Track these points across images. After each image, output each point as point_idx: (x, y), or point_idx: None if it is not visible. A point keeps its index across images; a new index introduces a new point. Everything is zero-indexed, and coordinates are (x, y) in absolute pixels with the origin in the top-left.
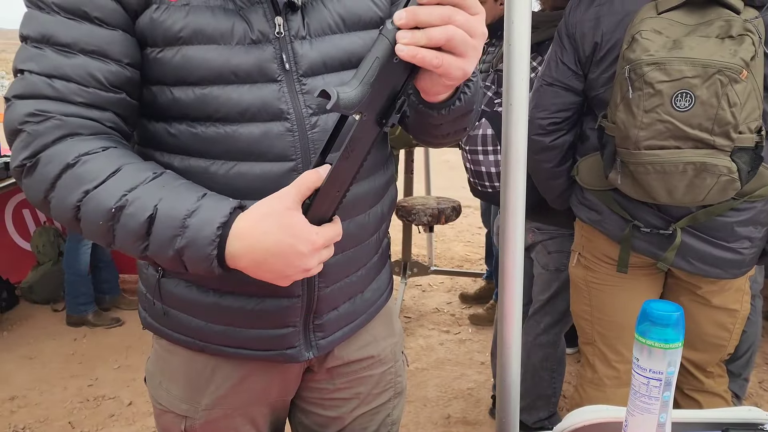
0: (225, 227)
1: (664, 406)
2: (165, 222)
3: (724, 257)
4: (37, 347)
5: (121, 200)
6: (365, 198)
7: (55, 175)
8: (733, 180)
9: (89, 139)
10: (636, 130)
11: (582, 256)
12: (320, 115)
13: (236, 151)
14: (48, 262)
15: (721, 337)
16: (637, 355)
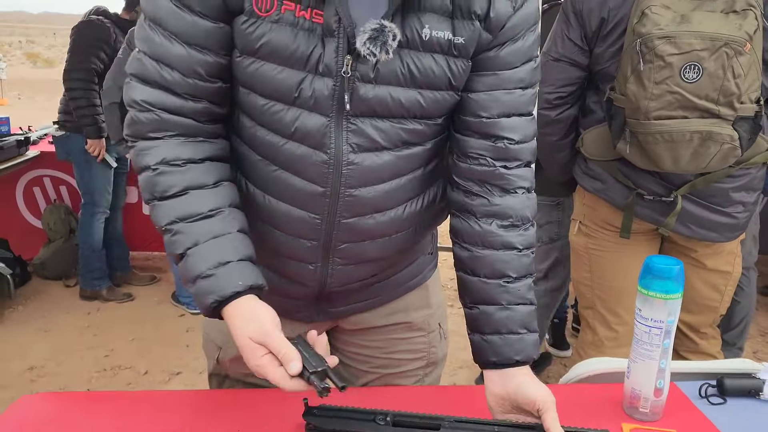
0: (220, 304)
1: (664, 353)
2: (186, 268)
3: (719, 221)
4: (52, 320)
5: (170, 225)
6: (393, 196)
7: (140, 168)
8: (734, 147)
9: (177, 144)
10: (646, 101)
11: (583, 224)
12: (359, 154)
13: (278, 160)
14: (59, 239)
15: (714, 299)
16: (639, 306)
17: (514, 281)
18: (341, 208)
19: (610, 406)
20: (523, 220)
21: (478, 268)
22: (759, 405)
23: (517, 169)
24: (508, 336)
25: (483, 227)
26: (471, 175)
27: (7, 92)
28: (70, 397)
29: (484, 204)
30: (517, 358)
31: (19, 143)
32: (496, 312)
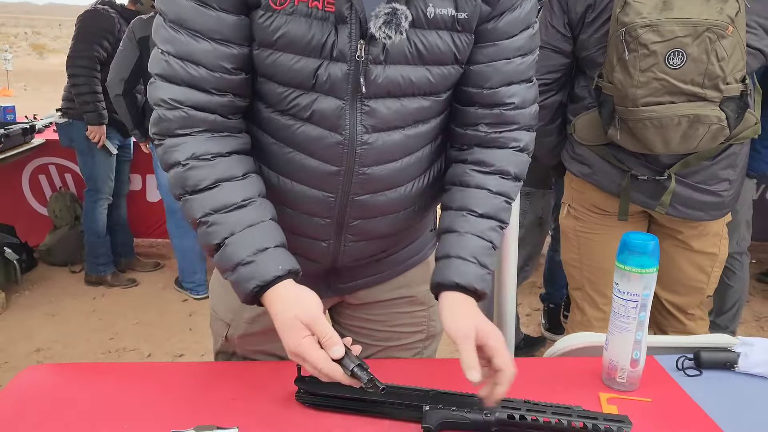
0: (262, 289)
1: (640, 325)
2: (225, 257)
3: (705, 200)
4: (58, 305)
5: (205, 217)
6: (403, 173)
7: (170, 165)
8: (722, 128)
9: (205, 140)
10: (633, 89)
11: (572, 207)
12: (372, 134)
13: (293, 142)
14: (65, 226)
15: (700, 280)
16: (617, 281)
17: (478, 216)
18: (355, 186)
19: (589, 378)
20: (503, 172)
21: (450, 202)
22: (734, 377)
23: (510, 132)
24: (455, 259)
25: (464, 170)
26: (466, 140)
27: (13, 83)
28: (75, 369)
29: (471, 153)
30: (457, 281)
31: (25, 131)
32: (451, 237)
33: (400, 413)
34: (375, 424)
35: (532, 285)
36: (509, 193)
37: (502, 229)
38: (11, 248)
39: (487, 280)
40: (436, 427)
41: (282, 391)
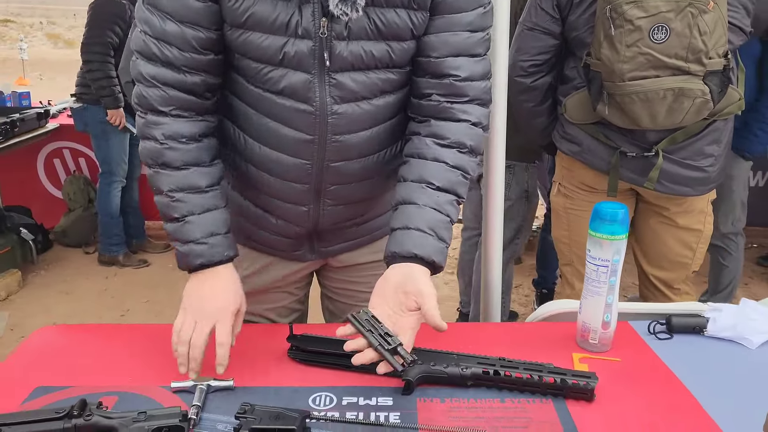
0: (203, 266)
1: (611, 289)
2: (182, 231)
3: (691, 176)
4: (72, 284)
5: (171, 192)
6: (373, 141)
7: (146, 137)
8: (706, 101)
9: (182, 122)
10: (620, 64)
11: (562, 185)
12: (341, 104)
13: (272, 113)
14: (78, 208)
15: (686, 255)
16: (590, 248)
17: (436, 189)
18: (329, 153)
19: (565, 340)
20: (459, 145)
21: (408, 173)
22: (702, 340)
23: (462, 104)
24: (413, 231)
25: (421, 141)
26: (421, 110)
27: (29, 72)
28: (83, 329)
29: (428, 125)
30: (415, 251)
31: (39, 116)
32: (409, 209)
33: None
34: (360, 378)
35: (531, 267)
36: (466, 167)
37: (458, 204)
38: (27, 229)
39: (444, 253)
40: (416, 381)
41: (275, 348)
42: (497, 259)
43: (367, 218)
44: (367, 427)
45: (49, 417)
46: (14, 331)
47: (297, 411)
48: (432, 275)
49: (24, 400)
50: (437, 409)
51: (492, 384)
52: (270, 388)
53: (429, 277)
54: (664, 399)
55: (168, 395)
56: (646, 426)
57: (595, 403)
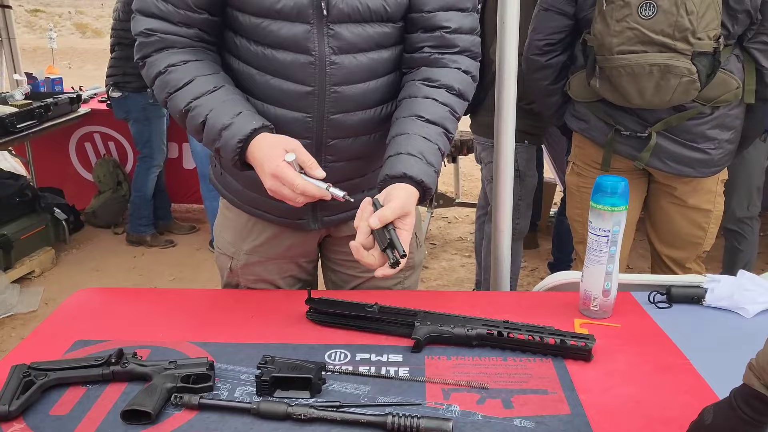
0: (245, 142)
1: (611, 259)
2: (210, 129)
3: (693, 157)
4: (102, 262)
5: (188, 105)
6: (371, 95)
7: (152, 78)
8: (693, 81)
9: (178, 53)
10: (610, 37)
11: (575, 164)
12: (339, 55)
13: (272, 68)
14: (108, 190)
15: (697, 235)
16: (591, 219)
17: (425, 122)
18: (328, 105)
19: (568, 308)
20: (448, 87)
21: (399, 112)
22: (701, 310)
23: (452, 55)
24: (403, 155)
25: (413, 84)
26: (414, 62)
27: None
28: (118, 292)
29: (419, 72)
30: (405, 171)
31: (72, 100)
32: (400, 138)
33: (395, 329)
34: (373, 337)
35: (548, 252)
36: (455, 107)
37: (448, 138)
38: (60, 209)
39: (433, 177)
40: (425, 340)
41: (293, 312)
42: (506, 232)
43: (367, 185)
44: (378, 379)
45: (89, 364)
46: (48, 305)
47: (314, 363)
48: (421, 202)
49: (66, 351)
50: (444, 366)
51: (496, 344)
52: (289, 345)
53: (415, 199)
54: (659, 360)
55: (196, 349)
56: (639, 383)
57: (592, 363)
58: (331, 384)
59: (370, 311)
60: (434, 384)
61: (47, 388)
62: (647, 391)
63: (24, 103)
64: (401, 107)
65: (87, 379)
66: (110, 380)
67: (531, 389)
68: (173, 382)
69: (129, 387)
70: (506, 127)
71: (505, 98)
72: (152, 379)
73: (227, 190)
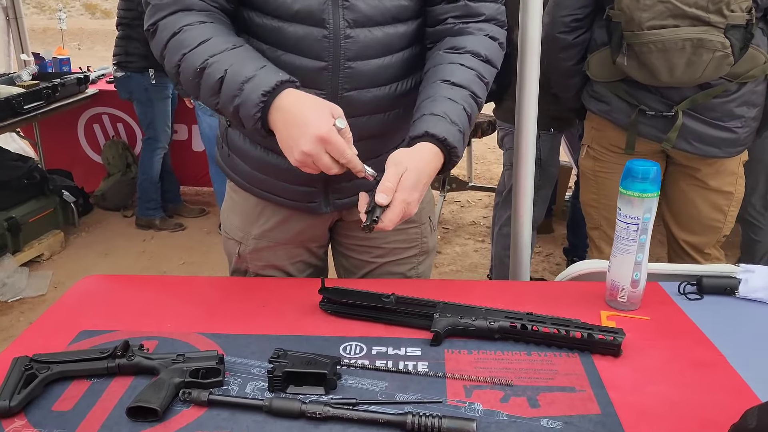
0: (270, 95)
1: (640, 248)
2: (229, 83)
3: (720, 136)
4: (111, 246)
5: (205, 62)
6: (386, 72)
7: (166, 40)
8: (726, 55)
9: (193, 14)
10: (639, 12)
11: (591, 147)
12: (354, 28)
13: (283, 43)
14: (117, 173)
15: (717, 219)
16: (620, 206)
17: (451, 85)
18: (342, 80)
19: (593, 299)
20: (475, 53)
21: (425, 81)
22: (734, 302)
23: (478, 23)
24: (427, 116)
25: (438, 54)
26: (438, 35)
27: (67, 43)
28: (125, 279)
29: (445, 43)
30: (426, 129)
31: (79, 81)
32: (424, 102)
33: (413, 321)
34: (390, 330)
35: (563, 237)
36: (482, 72)
37: (475, 101)
38: (69, 191)
39: (458, 136)
40: (444, 332)
41: (307, 301)
42: (527, 220)
43: (381, 167)
44: (396, 374)
45: (94, 357)
46: (57, 289)
47: (328, 357)
48: (448, 166)
49: (70, 342)
50: (464, 360)
51: (519, 338)
52: (302, 337)
53: (433, 158)
54: (692, 356)
55: (205, 341)
56: (672, 381)
57: (621, 358)
58: (347, 379)
59: (387, 302)
60: (455, 380)
61: (50, 382)
62: (682, 391)
63: (31, 83)
64: (426, 77)
65: (92, 373)
66: (116, 374)
67: (558, 386)
68: (181, 377)
69: (135, 381)
70: (528, 113)
71: (527, 81)
72: (159, 373)
73: (235, 172)
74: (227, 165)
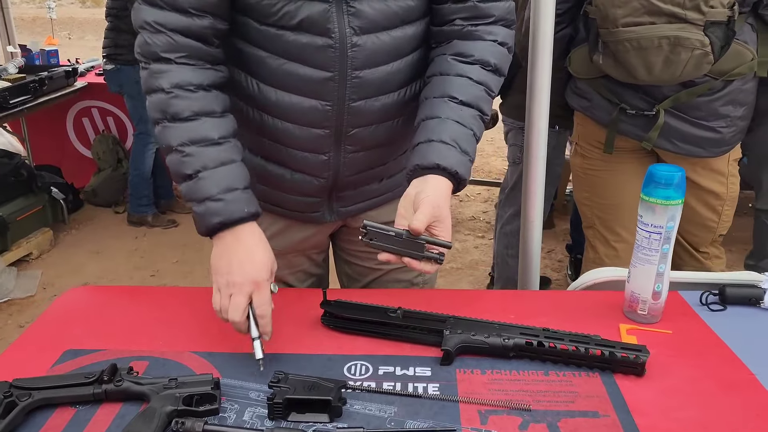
0: (224, 226)
1: (663, 258)
2: (197, 189)
3: (703, 136)
4: (103, 243)
5: (182, 147)
6: (394, 78)
7: (153, 89)
8: (706, 53)
9: (188, 71)
10: (614, 8)
11: (578, 144)
12: (361, 36)
13: (286, 52)
14: (108, 168)
15: (710, 218)
16: (641, 213)
17: (459, 104)
18: (349, 91)
19: (611, 310)
20: (483, 63)
21: (430, 92)
22: (759, 313)
23: (486, 26)
24: (435, 143)
25: (444, 60)
26: (444, 36)
27: (57, 32)
28: (113, 291)
29: (451, 46)
30: (438, 162)
31: (68, 74)
32: (431, 123)
33: (422, 337)
34: (397, 347)
35: (565, 232)
36: (490, 85)
37: (482, 120)
38: (58, 188)
39: (468, 167)
40: (455, 351)
41: (307, 315)
42: (537, 225)
43: (387, 174)
44: (405, 398)
45: (79, 382)
46: (46, 290)
47: (332, 381)
48: (455, 192)
49: (53, 364)
50: (478, 381)
51: (535, 356)
52: (303, 356)
53: (449, 192)
54: (721, 375)
55: (200, 361)
56: (702, 404)
57: (645, 378)
58: (353, 404)
59: (394, 317)
60: (469, 404)
61: (31, 410)
62: (713, 414)
63: (17, 76)
64: (431, 85)
65: (76, 399)
66: (103, 400)
67: (580, 411)
68: (174, 405)
69: (124, 408)
70: (539, 111)
71: (538, 77)
72: (150, 400)
73: None
74: None
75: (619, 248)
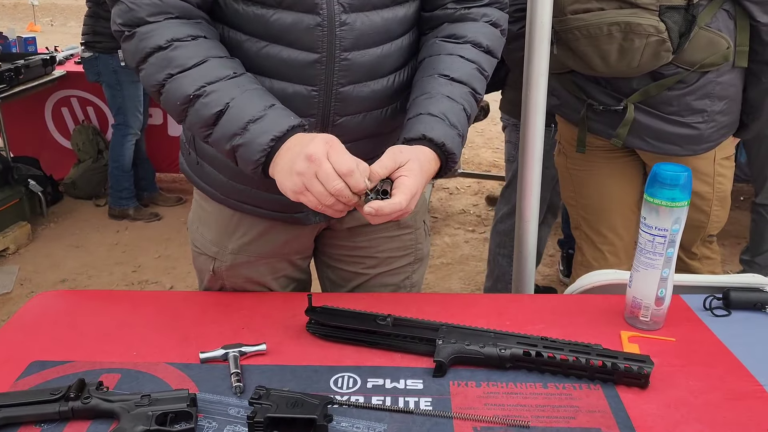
0: (279, 141)
1: (667, 262)
2: (231, 120)
3: (678, 133)
4: (82, 237)
5: (200, 90)
6: (384, 62)
7: (148, 52)
8: (662, 41)
9: (180, 24)
10: None
11: (560, 144)
12: (350, 14)
13: (268, 33)
14: (88, 159)
15: (698, 218)
16: (644, 215)
17: (450, 80)
18: (337, 74)
19: (610, 316)
20: (475, 43)
21: (420, 73)
22: (764, 318)
23: (479, 8)
24: (424, 116)
25: (436, 43)
26: (435, 20)
27: (39, 19)
28: (88, 295)
29: (443, 29)
30: (424, 132)
31: (45, 62)
32: (421, 99)
33: (413, 347)
34: (386, 356)
35: (557, 226)
36: (483, 64)
37: (475, 98)
38: (36, 180)
39: (456, 141)
40: (449, 361)
41: (291, 321)
42: (532, 226)
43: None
44: (395, 414)
45: (43, 399)
46: (24, 286)
47: (317, 397)
48: (444, 171)
49: (18, 377)
50: (472, 395)
51: (533, 366)
52: (287, 368)
53: (432, 163)
54: (727, 386)
55: (176, 374)
56: (709, 419)
57: (649, 390)
58: (339, 421)
59: (383, 325)
60: (463, 420)
61: None
62: (721, 429)
63: None
64: (422, 67)
65: (41, 418)
66: (69, 419)
67: (582, 429)
68: (146, 425)
69: (92, 427)
70: (535, 107)
71: (534, 73)
72: (120, 419)
73: (206, 182)
74: (195, 173)
75: (605, 250)
